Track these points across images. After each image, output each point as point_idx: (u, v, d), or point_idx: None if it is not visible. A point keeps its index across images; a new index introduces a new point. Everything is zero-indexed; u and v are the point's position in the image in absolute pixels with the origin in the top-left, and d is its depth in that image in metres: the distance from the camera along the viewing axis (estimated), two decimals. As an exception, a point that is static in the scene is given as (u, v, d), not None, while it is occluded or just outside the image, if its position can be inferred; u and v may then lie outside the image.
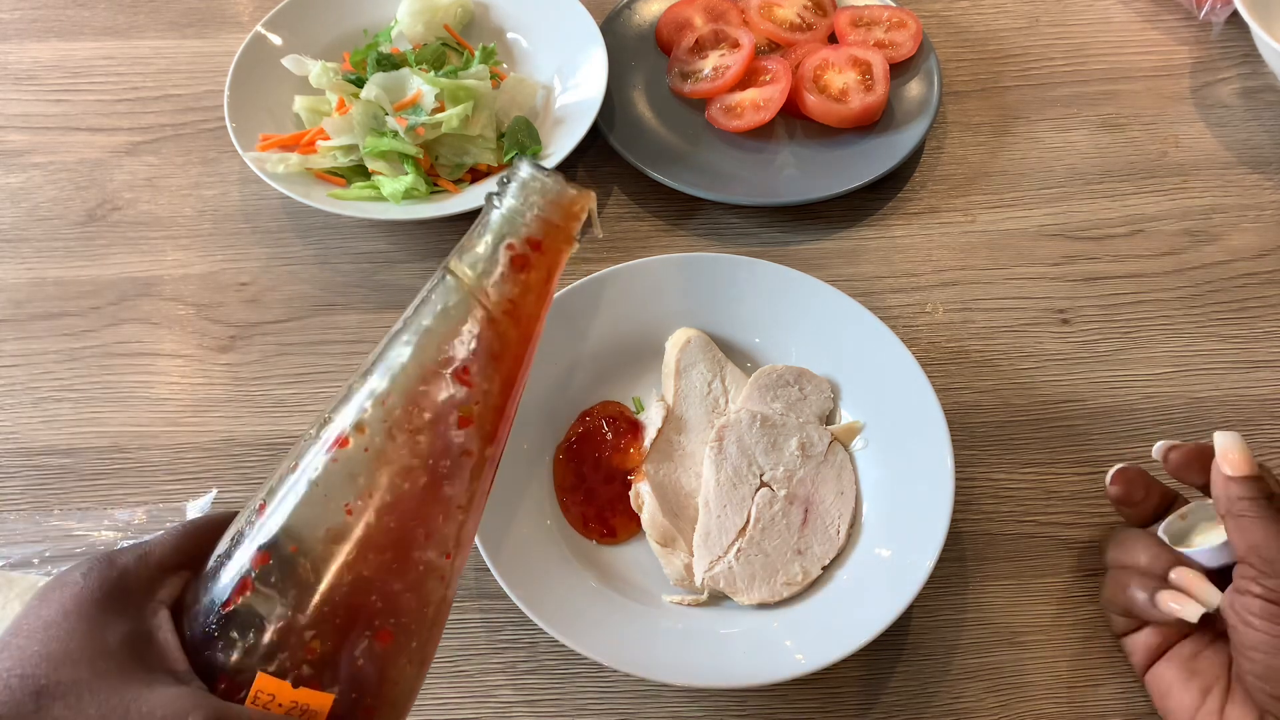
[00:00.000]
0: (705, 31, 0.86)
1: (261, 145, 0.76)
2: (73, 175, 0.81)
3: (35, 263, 0.77)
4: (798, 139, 0.82)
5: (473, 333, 0.39)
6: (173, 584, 0.38)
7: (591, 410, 0.67)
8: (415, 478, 0.38)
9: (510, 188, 0.41)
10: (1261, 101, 0.86)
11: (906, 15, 0.86)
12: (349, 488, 0.37)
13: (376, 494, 0.37)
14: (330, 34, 0.84)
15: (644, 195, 0.80)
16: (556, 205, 0.41)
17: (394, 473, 0.38)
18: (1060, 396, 0.70)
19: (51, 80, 0.87)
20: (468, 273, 0.40)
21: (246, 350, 0.72)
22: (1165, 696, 0.54)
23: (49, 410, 0.70)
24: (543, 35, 0.85)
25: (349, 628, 0.36)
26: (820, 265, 0.76)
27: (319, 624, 0.36)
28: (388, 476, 0.38)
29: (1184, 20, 0.92)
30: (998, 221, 0.79)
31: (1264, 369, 0.71)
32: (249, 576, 0.37)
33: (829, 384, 0.67)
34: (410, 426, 0.38)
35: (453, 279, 0.40)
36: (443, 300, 0.40)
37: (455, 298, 0.40)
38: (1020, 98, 0.87)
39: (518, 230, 0.41)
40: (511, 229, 0.41)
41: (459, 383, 0.39)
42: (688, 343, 0.67)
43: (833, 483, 0.63)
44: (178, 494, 0.66)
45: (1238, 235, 0.78)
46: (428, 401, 0.39)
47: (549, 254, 0.41)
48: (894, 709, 0.59)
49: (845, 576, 0.61)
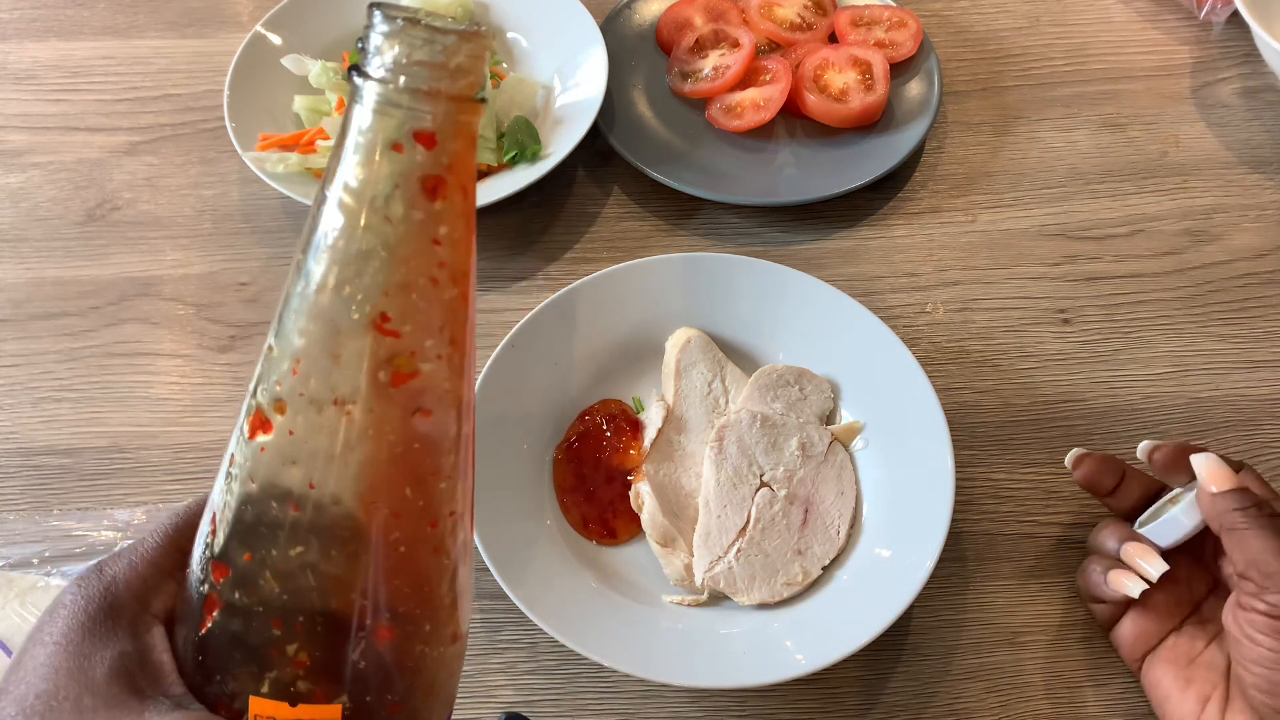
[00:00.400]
0: (705, 31, 0.86)
1: (261, 145, 0.76)
2: (72, 175, 0.81)
3: (34, 263, 0.77)
4: (798, 139, 0.82)
5: (373, 270, 0.30)
6: (166, 592, 0.35)
7: (592, 409, 0.67)
8: (360, 453, 0.31)
9: (369, 59, 0.30)
10: (1262, 101, 0.86)
11: (907, 15, 0.86)
12: (286, 478, 0.31)
13: (319, 480, 0.31)
14: (330, 34, 0.84)
15: (644, 195, 0.80)
16: (442, 67, 0.29)
17: (333, 455, 0.31)
18: (1061, 396, 0.70)
19: (51, 80, 0.87)
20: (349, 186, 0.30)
21: (246, 350, 0.72)
22: (1163, 702, 0.54)
23: (48, 410, 0.70)
24: (543, 35, 0.85)
25: (336, 633, 0.32)
26: (820, 265, 0.76)
27: (299, 636, 0.31)
28: (326, 458, 0.31)
29: (1184, 20, 0.92)
30: (998, 221, 0.79)
31: (1264, 369, 0.71)
32: (214, 593, 0.32)
33: (829, 384, 0.67)
34: (335, 396, 0.31)
35: (334, 204, 0.31)
36: (328, 234, 0.31)
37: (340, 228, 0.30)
38: (1021, 97, 0.87)
39: (394, 120, 0.30)
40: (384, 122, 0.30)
41: (380, 333, 0.30)
42: (688, 343, 0.67)
43: (833, 483, 0.63)
44: (177, 494, 0.66)
45: (1238, 235, 0.78)
46: (346, 365, 0.30)
47: (447, 137, 0.30)
48: (894, 709, 0.59)
49: (845, 577, 0.60)
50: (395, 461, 0.31)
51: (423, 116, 0.30)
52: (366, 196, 0.30)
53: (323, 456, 0.31)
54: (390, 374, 0.31)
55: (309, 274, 0.31)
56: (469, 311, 0.32)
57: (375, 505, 0.31)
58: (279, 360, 0.31)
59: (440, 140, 0.30)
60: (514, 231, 0.78)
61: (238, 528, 0.32)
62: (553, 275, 0.76)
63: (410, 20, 0.29)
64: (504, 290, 0.75)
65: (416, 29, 0.29)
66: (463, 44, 0.29)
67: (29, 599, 0.60)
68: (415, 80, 0.29)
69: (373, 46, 0.29)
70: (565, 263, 0.77)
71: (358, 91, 0.30)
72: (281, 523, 0.31)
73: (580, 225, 0.79)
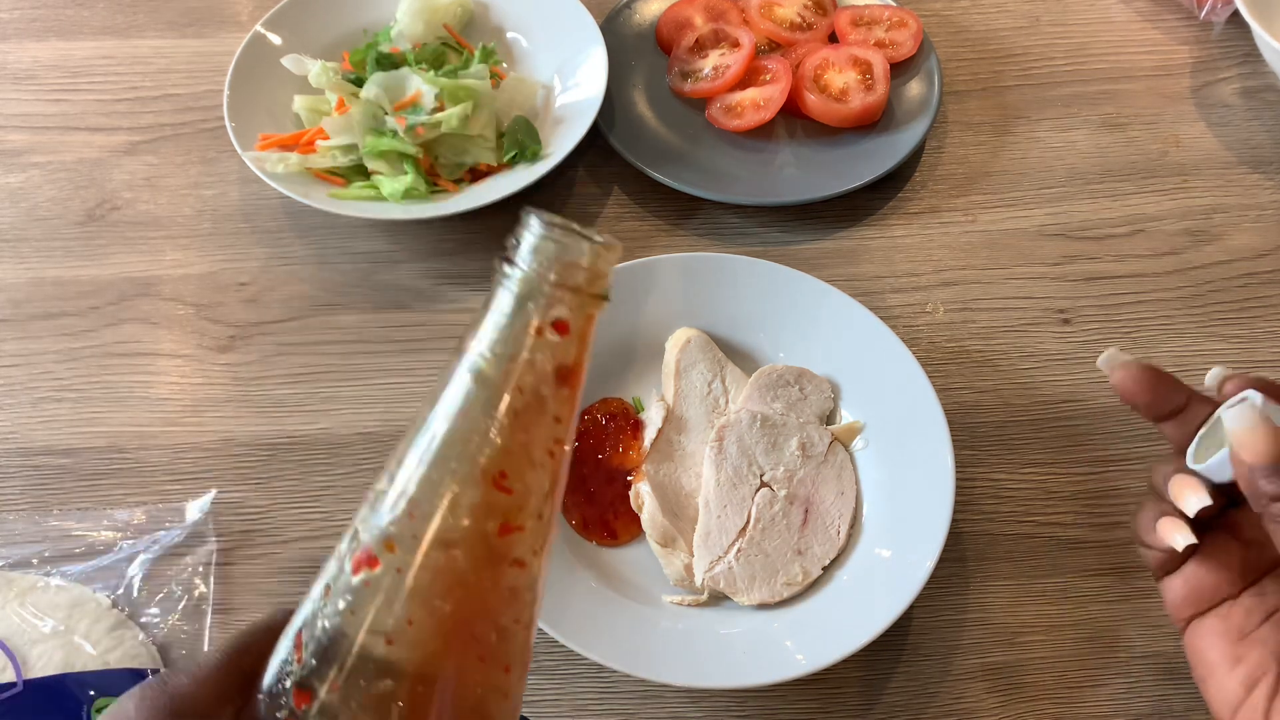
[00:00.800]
0: (705, 31, 0.86)
1: (261, 145, 0.76)
2: (72, 175, 0.81)
3: (34, 262, 0.77)
4: (798, 138, 0.82)
5: (501, 434, 0.34)
6: (227, 713, 0.35)
7: (592, 408, 0.67)
8: (460, 598, 0.33)
9: (520, 253, 0.35)
10: (1262, 101, 0.86)
11: (907, 15, 0.86)
12: (386, 614, 0.33)
13: (417, 618, 0.33)
14: (330, 33, 0.84)
15: (644, 195, 0.80)
16: (579, 268, 0.35)
17: (435, 595, 0.33)
18: (1061, 396, 0.70)
19: (51, 80, 0.87)
20: (487, 358, 0.34)
21: (246, 350, 0.72)
22: (1206, 677, 0.47)
23: (48, 410, 0.70)
24: (543, 35, 0.85)
25: None
26: (820, 265, 0.76)
27: None
28: (427, 601, 0.33)
29: (1184, 20, 0.91)
30: (998, 221, 0.79)
31: (1265, 369, 0.71)
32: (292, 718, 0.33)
33: (829, 384, 0.67)
34: (445, 540, 0.33)
35: (469, 371, 0.34)
36: (462, 397, 0.34)
37: (474, 394, 0.34)
38: (1021, 97, 0.87)
39: (537, 308, 0.34)
40: (529, 308, 0.34)
41: (496, 489, 0.34)
42: (688, 343, 0.67)
43: (833, 483, 0.63)
44: (177, 494, 0.66)
45: (1238, 235, 0.78)
46: (460, 513, 0.33)
47: (578, 327, 0.35)
48: (894, 709, 0.59)
49: (845, 577, 0.60)
50: (488, 606, 0.34)
51: (561, 308, 0.34)
52: (501, 371, 0.34)
53: (424, 596, 0.33)
54: (498, 526, 0.34)
55: (435, 431, 0.34)
56: (565, 475, 0.36)
57: (465, 647, 0.34)
58: (392, 502, 0.34)
59: (572, 329, 0.35)
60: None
61: (327, 656, 0.33)
62: (553, 275, 0.76)
63: (563, 228, 0.34)
64: (504, 290, 0.75)
65: (568, 235, 0.34)
66: (602, 252, 0.35)
67: (29, 599, 0.60)
68: (560, 277, 0.34)
69: (526, 244, 0.35)
70: (565, 263, 0.77)
71: (506, 279, 0.34)
72: (373, 657, 0.33)
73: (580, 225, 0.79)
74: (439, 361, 0.72)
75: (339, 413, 0.70)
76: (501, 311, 0.34)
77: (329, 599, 0.34)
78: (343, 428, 0.69)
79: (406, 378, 0.71)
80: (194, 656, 0.37)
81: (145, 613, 0.61)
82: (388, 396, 0.70)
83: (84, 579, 0.62)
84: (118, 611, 0.61)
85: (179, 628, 0.61)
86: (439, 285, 0.76)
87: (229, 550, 0.64)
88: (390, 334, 0.73)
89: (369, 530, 0.34)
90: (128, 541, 0.63)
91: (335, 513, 0.66)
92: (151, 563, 0.63)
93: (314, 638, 0.34)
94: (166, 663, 0.60)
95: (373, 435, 0.69)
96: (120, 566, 0.63)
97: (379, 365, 0.72)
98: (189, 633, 0.61)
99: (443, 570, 0.33)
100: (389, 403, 0.70)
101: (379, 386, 0.71)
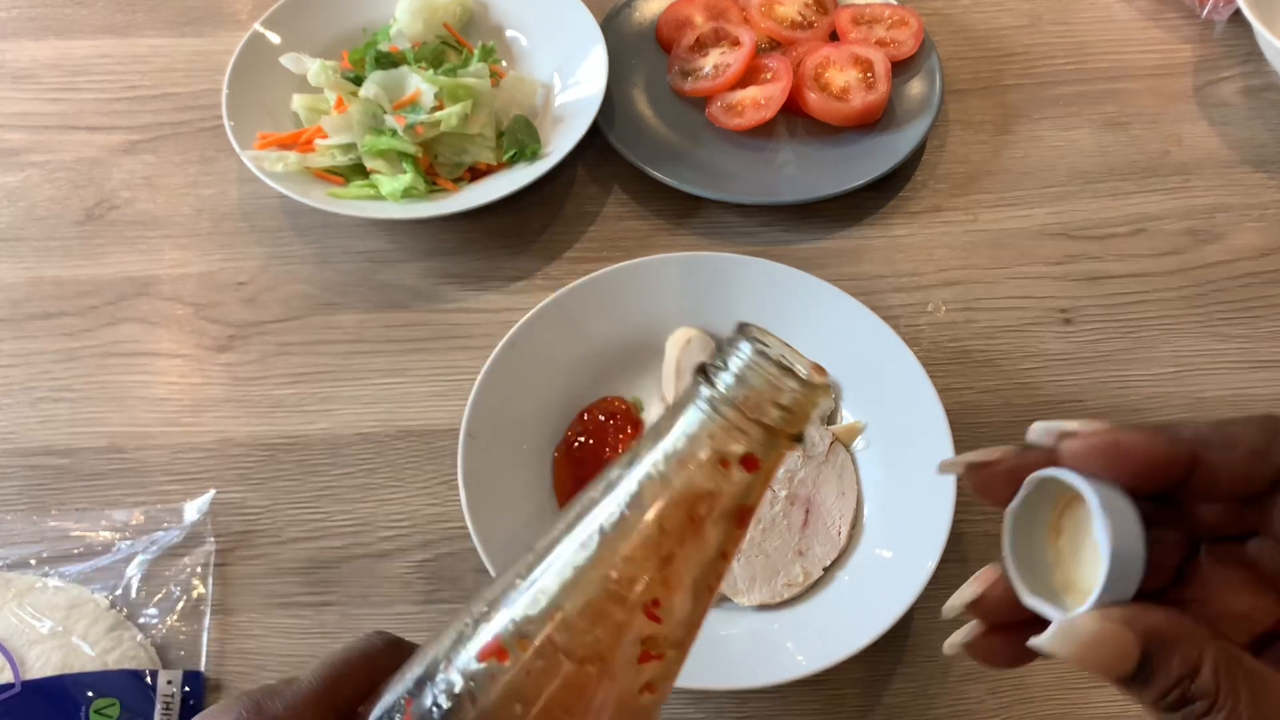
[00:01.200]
0: (706, 29, 0.86)
1: (260, 144, 0.76)
2: (70, 174, 0.81)
3: (33, 262, 0.76)
4: (799, 137, 0.82)
5: (663, 563, 0.32)
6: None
7: (592, 407, 0.66)
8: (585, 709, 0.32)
9: (723, 375, 0.31)
10: (1264, 100, 0.85)
11: (908, 13, 0.86)
12: (507, 709, 0.32)
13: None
14: (329, 32, 0.84)
15: (644, 194, 0.80)
16: (784, 406, 0.31)
17: (560, 706, 0.32)
18: (1063, 397, 0.70)
19: (49, 79, 0.87)
20: (663, 477, 0.31)
21: (245, 350, 0.72)
22: None
23: (46, 410, 0.69)
24: (542, 33, 0.85)
25: None
26: (821, 265, 0.76)
27: None
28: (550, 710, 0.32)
29: (1186, 19, 0.91)
30: (1000, 220, 0.79)
31: (1267, 369, 0.71)
32: None
33: (829, 384, 0.67)
34: (583, 655, 0.32)
35: (641, 484, 0.32)
36: (630, 512, 0.32)
37: (643, 514, 0.32)
38: (1022, 96, 0.86)
39: (729, 438, 0.31)
40: (719, 435, 0.31)
41: (646, 615, 0.32)
42: (688, 343, 0.67)
43: (834, 483, 0.63)
44: (176, 494, 0.66)
45: (1240, 235, 0.78)
46: (604, 631, 0.32)
47: (767, 467, 0.32)
48: (895, 711, 0.59)
49: (846, 578, 0.60)
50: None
51: (754, 444, 0.31)
52: (676, 496, 0.31)
53: (549, 704, 0.32)
54: (639, 651, 0.33)
55: (589, 539, 0.32)
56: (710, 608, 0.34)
57: None
58: (533, 598, 0.32)
59: (761, 468, 0.31)
60: (514, 231, 0.78)
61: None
62: (552, 275, 0.76)
63: (777, 362, 0.31)
64: (503, 290, 0.75)
65: (781, 371, 0.31)
66: (813, 394, 0.31)
67: (27, 600, 0.60)
68: (760, 412, 0.31)
69: (732, 367, 0.31)
70: (565, 262, 0.77)
71: (701, 397, 0.31)
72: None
73: (580, 225, 0.79)
74: (437, 361, 0.72)
75: (338, 413, 0.69)
76: (688, 432, 0.31)
77: (445, 673, 0.32)
78: (342, 428, 0.69)
79: (406, 378, 0.71)
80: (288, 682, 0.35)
81: (144, 613, 0.61)
82: (387, 396, 0.70)
83: (82, 579, 0.62)
84: (116, 612, 0.61)
85: (177, 628, 0.61)
86: (439, 285, 0.75)
87: (227, 551, 0.64)
88: (390, 334, 0.73)
89: (502, 618, 0.32)
90: (126, 542, 0.63)
91: (334, 513, 0.65)
92: (150, 563, 0.63)
93: (425, 712, 0.32)
94: (165, 663, 0.60)
95: (372, 435, 0.68)
96: (118, 567, 0.62)
97: (378, 365, 0.71)
98: (188, 633, 0.61)
99: (574, 683, 0.32)
100: (389, 403, 0.70)
101: (379, 386, 0.71)
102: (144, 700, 0.57)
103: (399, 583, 0.63)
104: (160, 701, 0.57)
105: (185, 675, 0.59)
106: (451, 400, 0.69)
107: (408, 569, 0.63)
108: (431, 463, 0.67)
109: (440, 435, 0.68)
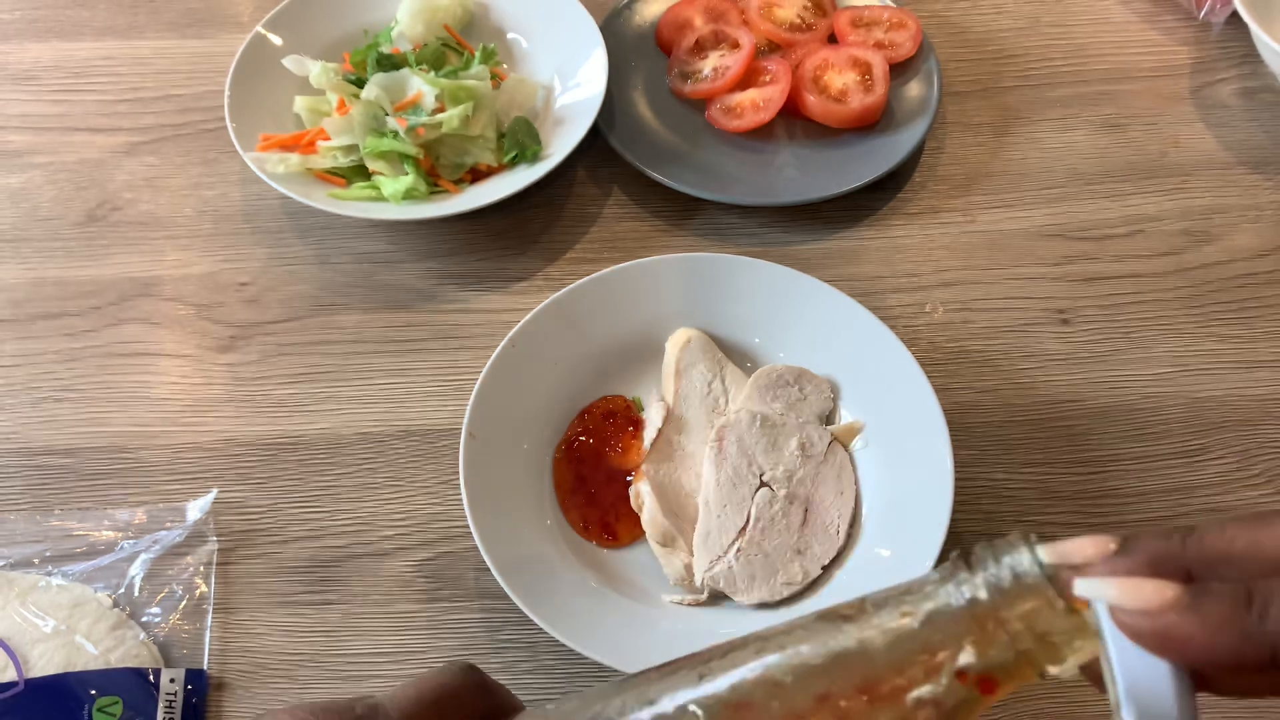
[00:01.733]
0: (705, 32, 0.86)
1: (262, 145, 0.76)
2: (73, 175, 0.81)
3: (35, 263, 0.77)
4: (798, 139, 0.82)
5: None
6: None
7: (592, 407, 0.67)
8: None
9: (987, 574, 0.28)
10: (1261, 102, 0.86)
11: (906, 16, 0.86)
12: None
13: None
14: (330, 34, 0.84)
15: (644, 195, 0.80)
16: (1042, 633, 0.27)
17: None
18: (1060, 396, 0.70)
19: (52, 81, 0.87)
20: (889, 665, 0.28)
21: (246, 350, 0.72)
22: None
23: (49, 410, 0.70)
24: (543, 35, 0.85)
25: None
26: (820, 265, 0.76)
27: None
28: None
29: (1184, 20, 0.92)
30: (998, 222, 0.79)
31: (1263, 369, 0.71)
32: None
33: (829, 384, 0.67)
34: None
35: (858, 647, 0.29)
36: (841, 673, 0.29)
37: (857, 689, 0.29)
38: (1020, 98, 0.87)
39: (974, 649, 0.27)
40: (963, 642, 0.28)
41: None
42: (688, 343, 0.67)
43: (833, 482, 0.63)
44: (178, 494, 0.66)
45: (1237, 235, 0.78)
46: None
47: (1002, 692, 0.28)
48: (894, 709, 0.59)
49: (845, 577, 0.61)
50: None
51: (1000, 664, 0.27)
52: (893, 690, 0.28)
53: None
54: None
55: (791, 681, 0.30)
56: None
57: None
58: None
59: (998, 692, 0.28)
60: (514, 232, 0.78)
61: None
62: (553, 275, 0.76)
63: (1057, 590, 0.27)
64: (504, 290, 0.75)
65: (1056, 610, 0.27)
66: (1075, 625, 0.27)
67: (30, 599, 0.60)
68: (1017, 635, 0.27)
69: (1005, 575, 0.28)
70: (565, 263, 0.77)
71: (951, 583, 0.28)
72: None
73: (580, 225, 0.79)
74: (438, 361, 0.72)
75: (339, 413, 0.70)
76: (927, 618, 0.28)
77: None
78: (343, 428, 0.69)
79: (407, 378, 0.71)
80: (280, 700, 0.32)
81: (146, 612, 0.62)
82: (388, 396, 0.70)
83: (85, 578, 0.62)
84: (119, 611, 0.61)
85: (180, 627, 0.61)
86: (439, 285, 0.76)
87: (229, 550, 0.64)
88: (390, 334, 0.73)
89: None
90: (129, 541, 0.63)
91: (335, 512, 0.66)
92: (152, 562, 0.63)
93: None
94: (168, 662, 0.60)
95: (374, 435, 0.69)
96: (121, 566, 0.63)
97: (380, 365, 0.72)
98: (190, 632, 0.61)
99: None
100: (389, 403, 0.70)
101: (379, 386, 0.71)
102: (147, 699, 0.57)
103: (400, 581, 0.63)
104: (163, 700, 0.58)
105: (188, 674, 0.59)
106: (452, 400, 0.70)
107: (409, 568, 0.64)
108: (432, 462, 0.68)
109: (441, 435, 0.68)
